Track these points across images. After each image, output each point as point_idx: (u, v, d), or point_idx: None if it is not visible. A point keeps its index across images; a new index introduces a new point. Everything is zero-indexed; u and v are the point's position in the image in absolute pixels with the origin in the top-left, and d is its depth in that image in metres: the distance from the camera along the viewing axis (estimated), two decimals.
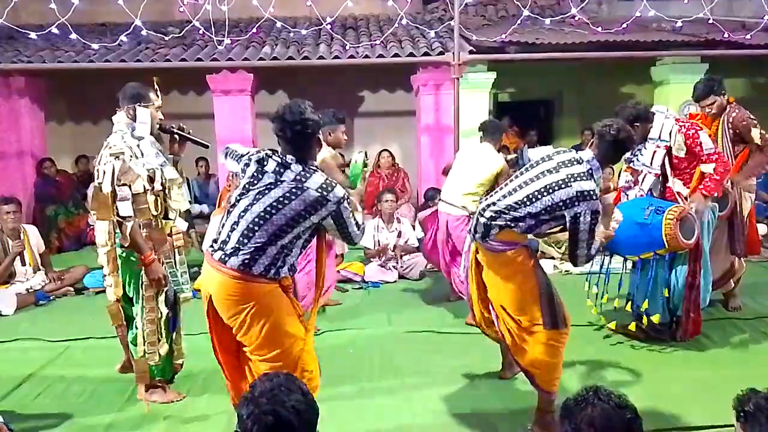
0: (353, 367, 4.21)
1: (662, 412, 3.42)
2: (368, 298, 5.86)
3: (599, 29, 7.91)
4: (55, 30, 7.24)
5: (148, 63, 7.80)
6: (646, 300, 4.36)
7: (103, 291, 6.03)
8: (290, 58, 7.85)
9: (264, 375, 1.96)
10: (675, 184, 4.32)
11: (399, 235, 6.65)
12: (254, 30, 8.36)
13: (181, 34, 8.16)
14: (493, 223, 3.26)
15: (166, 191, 3.59)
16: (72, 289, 6.12)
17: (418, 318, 5.19)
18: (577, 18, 8.23)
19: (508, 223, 3.23)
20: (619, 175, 5.00)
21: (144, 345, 3.59)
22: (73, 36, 7.47)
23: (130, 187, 3.42)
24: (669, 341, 4.43)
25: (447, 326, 4.98)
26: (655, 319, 4.33)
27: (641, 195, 4.43)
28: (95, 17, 9.39)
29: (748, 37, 7.78)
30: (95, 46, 7.87)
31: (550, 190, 3.14)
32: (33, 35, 7.70)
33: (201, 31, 7.86)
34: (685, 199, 4.32)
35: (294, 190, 2.79)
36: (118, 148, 3.44)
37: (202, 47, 8.34)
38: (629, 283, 4.60)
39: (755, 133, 4.70)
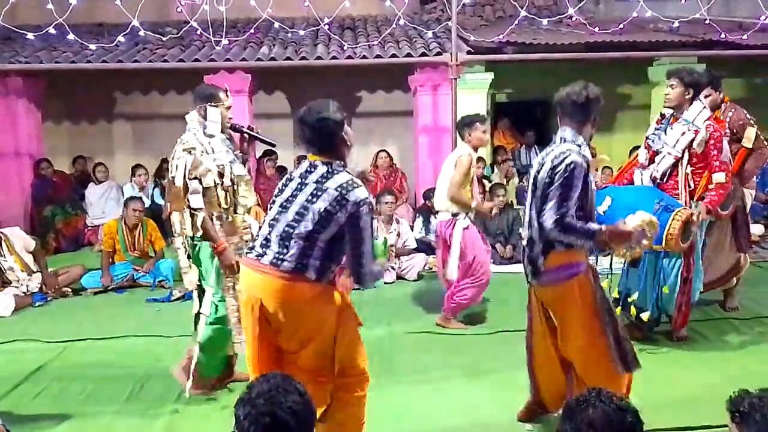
0: None
1: (657, 413, 3.41)
2: (366, 299, 5.85)
3: (596, 30, 7.92)
4: (52, 30, 7.23)
5: (146, 63, 7.80)
6: (637, 293, 4.38)
7: (101, 291, 6.12)
8: (288, 58, 7.85)
9: (262, 376, 1.97)
10: (688, 176, 4.25)
11: (398, 235, 6.66)
12: (252, 30, 8.37)
13: (178, 35, 8.16)
14: (533, 252, 3.07)
15: (235, 187, 3.74)
16: (69, 289, 6.11)
17: (417, 318, 5.20)
18: (574, 18, 8.24)
19: (547, 241, 3.01)
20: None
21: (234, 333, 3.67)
22: (71, 36, 7.46)
23: (200, 180, 3.57)
24: (664, 341, 4.43)
25: (445, 327, 4.97)
26: (645, 316, 4.34)
27: (655, 176, 4.32)
28: (93, 18, 9.38)
29: (745, 37, 7.80)
30: (92, 46, 7.86)
31: (548, 184, 2.97)
32: (30, 36, 7.69)
33: (198, 32, 7.86)
34: (690, 196, 4.26)
35: (314, 191, 2.73)
36: (190, 144, 3.61)
37: (199, 48, 8.34)
38: (620, 280, 4.57)
39: (749, 134, 4.68)
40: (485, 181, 7.82)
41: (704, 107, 4.25)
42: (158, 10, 9.29)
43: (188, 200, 3.56)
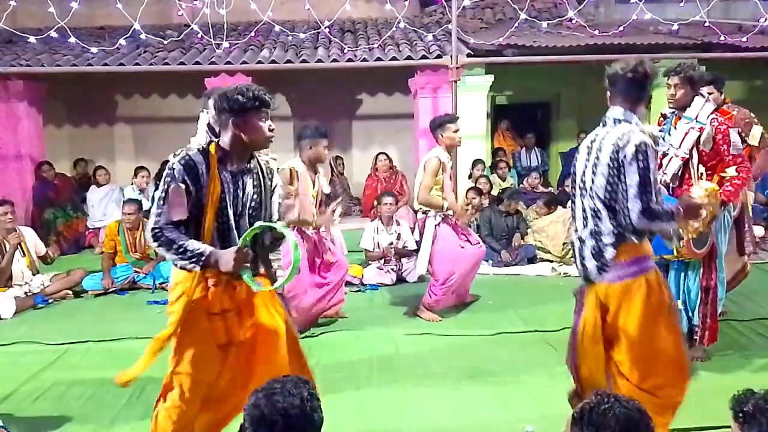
0: (351, 370, 4.21)
1: None
2: (366, 301, 5.87)
3: (596, 32, 7.94)
4: (53, 33, 7.27)
5: (147, 66, 7.82)
6: None
7: (102, 294, 6.12)
8: (288, 61, 7.87)
9: (285, 375, 2.04)
10: (702, 177, 3.99)
11: (398, 237, 6.67)
12: (253, 33, 8.38)
13: (179, 38, 8.18)
14: (598, 244, 2.81)
15: None
16: (71, 292, 6.11)
17: (417, 320, 5.19)
18: (574, 21, 8.26)
19: (617, 230, 2.77)
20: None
21: None
22: (72, 39, 7.49)
23: None
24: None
25: (445, 329, 4.98)
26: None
27: (666, 181, 4.07)
28: (94, 21, 9.42)
29: (745, 39, 7.82)
30: (94, 49, 7.88)
31: (613, 169, 2.74)
32: (32, 39, 7.71)
33: (199, 35, 7.88)
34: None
35: None
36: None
37: (200, 51, 8.36)
38: None
39: (755, 132, 4.59)
40: (484, 180, 7.84)
41: (706, 101, 4.04)
42: (159, 13, 9.32)
43: None
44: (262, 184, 2.77)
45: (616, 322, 2.83)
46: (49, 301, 5.91)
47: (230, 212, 2.65)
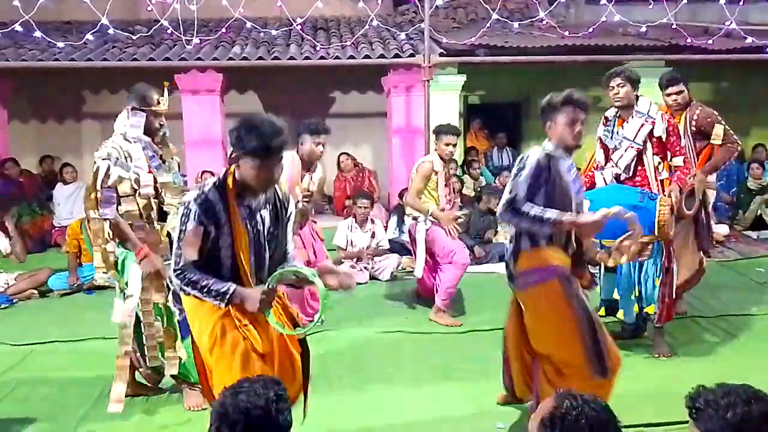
0: (323, 368, 4.19)
1: (625, 410, 3.45)
2: (339, 299, 5.84)
3: (566, 33, 8.03)
4: (18, 27, 7.09)
5: (115, 62, 7.70)
6: (621, 291, 4.31)
7: (69, 293, 6.01)
8: (260, 58, 7.81)
9: (258, 375, 2.03)
10: (659, 166, 4.29)
11: (372, 236, 6.67)
12: (224, 30, 8.30)
13: (149, 33, 8.07)
14: (507, 254, 3.26)
15: (161, 196, 3.60)
16: (36, 291, 5.99)
17: (389, 319, 5.21)
18: (544, 22, 8.35)
19: (515, 243, 3.18)
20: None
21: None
22: (38, 34, 7.32)
23: (116, 189, 3.49)
24: (636, 339, 4.47)
25: (418, 327, 4.99)
26: (621, 314, 4.32)
27: (618, 173, 4.33)
28: (61, 15, 9.23)
29: (710, 42, 7.98)
30: (60, 44, 7.73)
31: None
32: None
33: (169, 31, 7.78)
34: (662, 186, 4.26)
35: None
36: (106, 151, 3.54)
37: (170, 47, 8.25)
38: (600, 286, 4.49)
39: (718, 130, 4.74)
40: (455, 180, 7.86)
41: (651, 102, 4.35)
42: (128, 8, 9.18)
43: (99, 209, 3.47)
44: (279, 215, 2.72)
45: (527, 324, 3.21)
46: (14, 300, 5.79)
47: (251, 249, 2.62)
